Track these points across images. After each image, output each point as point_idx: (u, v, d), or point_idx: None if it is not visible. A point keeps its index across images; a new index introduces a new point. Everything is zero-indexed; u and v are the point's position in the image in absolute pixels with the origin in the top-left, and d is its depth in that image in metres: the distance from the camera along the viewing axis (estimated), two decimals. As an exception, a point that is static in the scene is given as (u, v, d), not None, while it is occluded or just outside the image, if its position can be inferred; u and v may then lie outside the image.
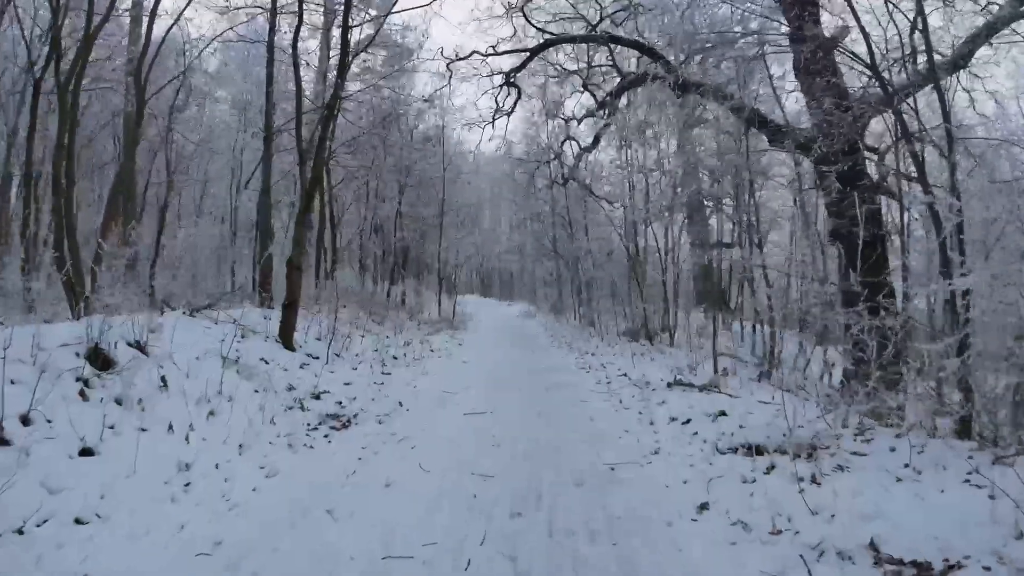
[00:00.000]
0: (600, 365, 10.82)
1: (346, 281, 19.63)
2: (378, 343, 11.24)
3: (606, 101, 16.88)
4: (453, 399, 7.82)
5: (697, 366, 10.88)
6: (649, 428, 6.57)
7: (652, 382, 8.99)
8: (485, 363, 11.18)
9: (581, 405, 7.67)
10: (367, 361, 9.70)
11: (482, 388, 8.64)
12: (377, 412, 6.95)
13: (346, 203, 20.71)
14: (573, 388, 8.79)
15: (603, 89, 17.45)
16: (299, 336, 10.02)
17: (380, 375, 8.88)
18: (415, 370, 9.69)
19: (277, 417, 6.33)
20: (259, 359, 8.29)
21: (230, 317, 9.74)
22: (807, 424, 6.32)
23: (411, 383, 8.60)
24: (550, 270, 25.50)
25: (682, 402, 7.67)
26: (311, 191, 9.52)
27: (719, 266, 21.30)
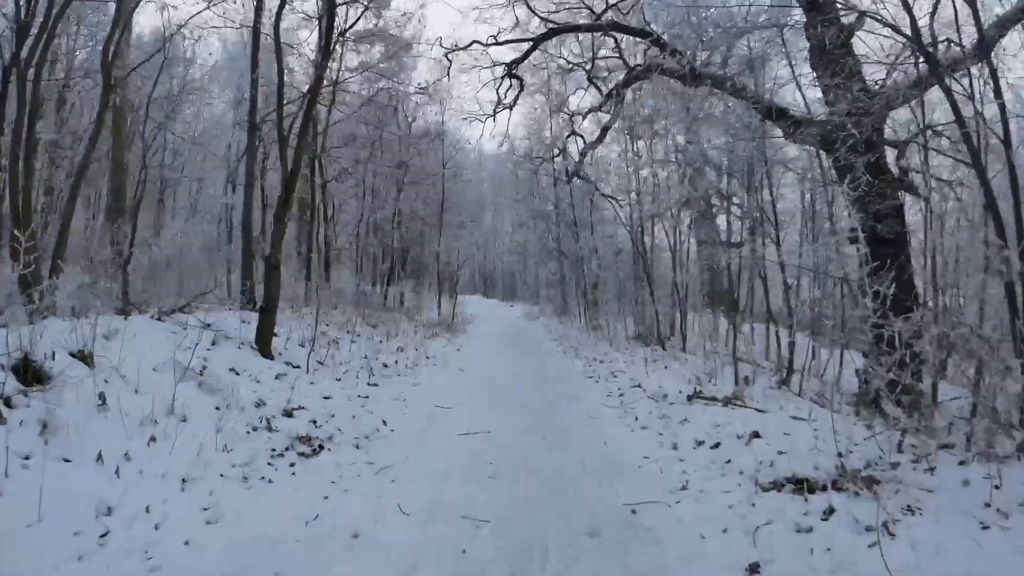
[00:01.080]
0: (610, 374, 9.86)
1: (341, 282, 18.74)
2: (368, 349, 10.31)
3: (612, 95, 16.06)
4: (446, 416, 6.87)
5: (715, 374, 9.94)
6: (673, 454, 5.60)
7: (669, 394, 8.05)
8: (484, 371, 10.22)
9: (591, 424, 6.71)
10: (354, 370, 8.76)
11: (479, 402, 7.69)
12: (356, 433, 6.00)
13: (342, 201, 19.77)
14: (581, 402, 7.83)
15: (608, 83, 16.66)
16: (279, 342, 9.11)
17: (366, 387, 7.94)
18: (406, 381, 8.74)
19: (236, 441, 5.40)
20: (228, 369, 7.40)
21: (203, 321, 8.88)
22: (855, 448, 5.40)
23: (400, 396, 7.65)
24: (554, 270, 24.58)
25: (706, 420, 6.73)
26: (290, 183, 8.60)
27: (729, 266, 20.43)
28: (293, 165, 8.60)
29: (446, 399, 7.66)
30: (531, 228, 27.13)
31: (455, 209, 24.20)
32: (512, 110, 18.25)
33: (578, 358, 12.23)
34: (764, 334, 18.55)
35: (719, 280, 19.83)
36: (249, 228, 11.55)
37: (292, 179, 8.59)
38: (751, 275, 20.14)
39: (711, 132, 17.10)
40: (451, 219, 23.70)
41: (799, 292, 17.27)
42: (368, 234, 20.21)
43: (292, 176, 8.59)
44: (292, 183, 8.61)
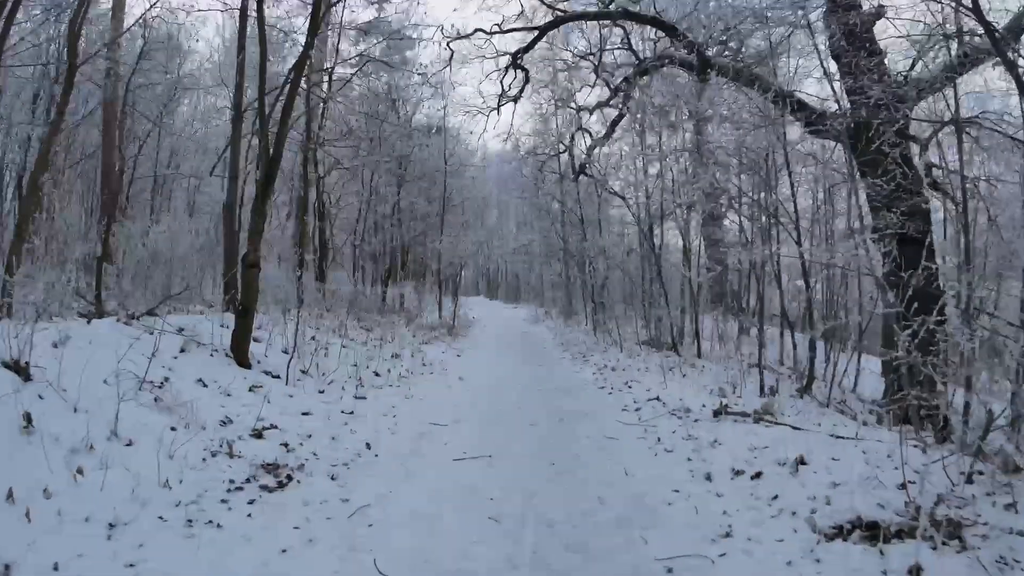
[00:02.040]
0: (623, 384, 8.97)
1: (336, 282, 17.90)
2: (360, 356, 9.44)
3: (620, 88, 15.27)
4: (441, 436, 5.99)
5: (738, 384, 9.08)
6: (708, 487, 4.72)
7: (692, 409, 7.17)
8: (486, 381, 9.32)
9: (608, 446, 5.81)
10: (340, 381, 7.89)
11: (480, 418, 6.80)
12: (334, 459, 5.12)
13: (339, 196, 18.93)
14: (595, 418, 6.93)
15: (616, 77, 15.90)
16: (259, 349, 8.25)
17: (352, 400, 7.05)
18: (399, 392, 7.86)
19: (187, 471, 4.54)
20: (195, 381, 6.54)
21: (176, 325, 8.04)
22: (915, 476, 4.56)
23: (390, 411, 6.76)
24: (559, 271, 23.71)
25: (740, 441, 5.85)
26: (270, 170, 7.74)
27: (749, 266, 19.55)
28: (275, 149, 7.75)
29: (442, 414, 6.78)
30: (536, 227, 26.27)
31: (458, 207, 23.35)
32: (517, 103, 17.52)
33: (587, 365, 11.34)
34: (776, 337, 17.75)
35: (726, 281, 19.04)
36: (232, 224, 10.70)
37: (273, 165, 7.74)
38: (761, 276, 19.38)
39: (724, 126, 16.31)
40: (454, 218, 22.86)
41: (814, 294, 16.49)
42: (366, 233, 19.36)
43: (273, 162, 7.74)
44: (273, 170, 7.76)
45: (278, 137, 7.91)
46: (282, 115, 7.94)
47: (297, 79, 8.07)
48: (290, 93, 8.05)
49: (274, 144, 7.84)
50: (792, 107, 10.48)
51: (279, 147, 7.84)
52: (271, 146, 7.90)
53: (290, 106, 8.00)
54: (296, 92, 8.13)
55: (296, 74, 8.07)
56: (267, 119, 7.91)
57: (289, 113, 7.98)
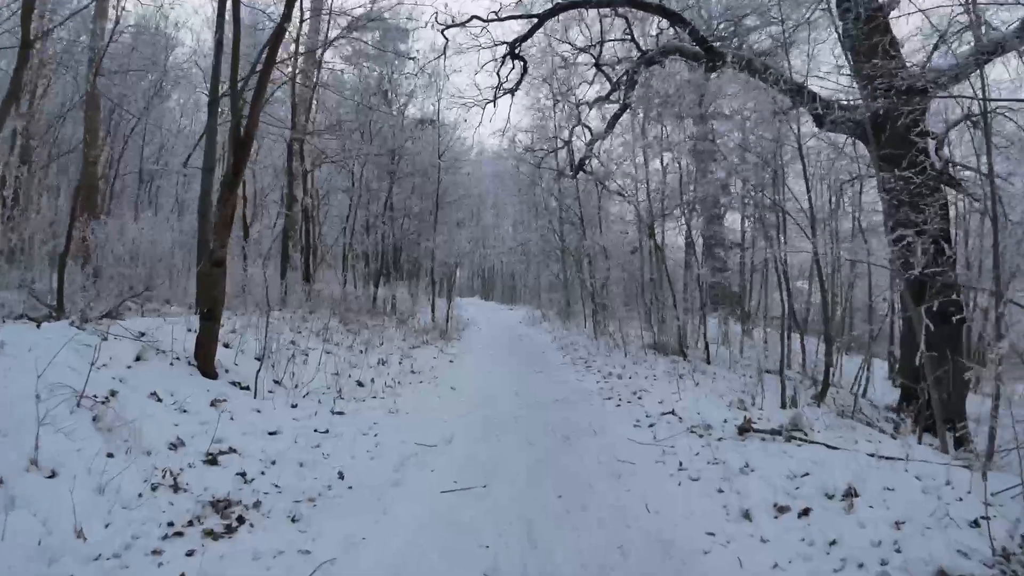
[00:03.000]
0: (632, 394, 8.15)
1: (324, 282, 17.05)
2: (343, 363, 8.62)
3: (622, 82, 14.54)
4: (427, 460, 5.16)
5: (755, 393, 8.29)
6: (748, 529, 3.92)
7: (713, 425, 6.36)
8: (480, 391, 8.47)
9: (622, 472, 4.99)
10: (318, 392, 7.05)
11: (473, 436, 5.96)
12: (298, 493, 4.30)
13: (327, 191, 18.06)
14: (603, 435, 6.11)
15: (618, 70, 15.20)
16: (228, 356, 7.41)
17: (329, 416, 6.21)
18: (383, 405, 7.00)
19: (119, 511, 3.74)
20: (148, 395, 5.70)
21: (136, 329, 7.24)
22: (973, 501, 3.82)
23: (371, 429, 5.92)
24: (557, 271, 22.88)
25: (774, 465, 5.05)
26: (239, 157, 6.90)
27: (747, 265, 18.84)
28: (246, 131, 6.92)
29: (430, 432, 5.95)
30: (533, 226, 25.46)
31: (452, 204, 22.50)
32: (514, 96, 16.76)
33: (590, 371, 10.52)
34: (779, 340, 17.03)
35: (727, 282, 18.35)
36: (206, 219, 9.83)
37: (243, 149, 6.91)
38: (765, 276, 18.68)
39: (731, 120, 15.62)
40: (448, 215, 22.03)
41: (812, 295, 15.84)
42: (356, 231, 18.51)
43: (244, 145, 6.90)
44: (243, 155, 6.92)
45: (250, 117, 7.08)
46: (255, 92, 7.11)
47: (273, 54, 7.23)
48: (264, 69, 7.21)
49: (246, 125, 7.01)
50: (806, 98, 9.88)
51: (251, 128, 7.01)
52: (242, 127, 7.06)
53: (264, 83, 7.17)
54: (271, 68, 7.29)
55: (272, 48, 7.23)
56: (240, 95, 7.06)
57: (263, 90, 7.15)
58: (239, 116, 7.26)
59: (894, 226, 8.70)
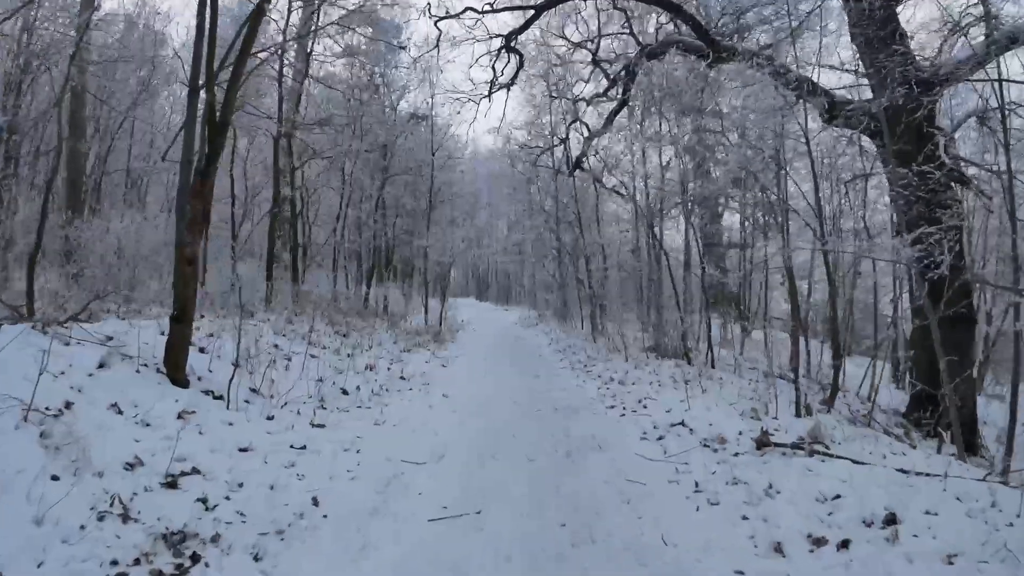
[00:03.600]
0: (636, 402, 7.61)
1: (315, 282, 16.52)
2: (328, 369, 8.07)
3: (620, 77, 14.09)
4: (414, 481, 4.62)
5: (767, 400, 7.81)
6: (782, 567, 3.41)
7: (728, 438, 5.85)
8: (475, 398, 7.89)
9: (633, 495, 4.45)
10: (298, 401, 6.50)
11: (466, 452, 5.41)
12: (265, 523, 3.75)
13: (315, 188, 17.48)
14: (609, 450, 5.57)
15: (616, 65, 14.77)
16: (201, 362, 6.85)
17: (308, 429, 5.67)
18: (369, 416, 6.45)
19: (55, 547, 3.24)
20: (109, 406, 5.16)
21: (104, 333, 6.70)
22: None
23: (353, 444, 5.37)
24: (553, 271, 22.37)
25: (801, 485, 4.55)
26: (213, 144, 6.35)
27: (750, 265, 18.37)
28: (221, 115, 6.37)
29: (419, 447, 5.41)
30: (528, 225, 24.94)
31: (447, 203, 21.97)
32: (510, 90, 16.31)
33: (589, 376, 9.99)
34: (786, 343, 16.64)
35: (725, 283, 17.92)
36: (185, 215, 9.25)
37: (218, 135, 6.36)
38: (764, 276, 18.21)
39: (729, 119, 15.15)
40: (442, 214, 21.51)
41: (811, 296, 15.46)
42: (347, 229, 17.94)
43: (218, 131, 6.36)
44: (218, 142, 6.38)
45: (226, 102, 6.54)
46: (232, 76, 6.58)
47: (251, 35, 6.69)
48: (242, 51, 6.67)
49: (221, 111, 6.46)
50: (817, 92, 9.52)
51: (227, 114, 6.48)
52: (217, 112, 6.51)
53: (242, 66, 6.65)
54: (249, 50, 6.75)
55: (251, 29, 6.69)
56: (213, 78, 6.48)
57: (240, 74, 6.63)
58: (213, 100, 6.69)
59: (909, 224, 8.28)
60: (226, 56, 7.12)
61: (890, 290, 14.46)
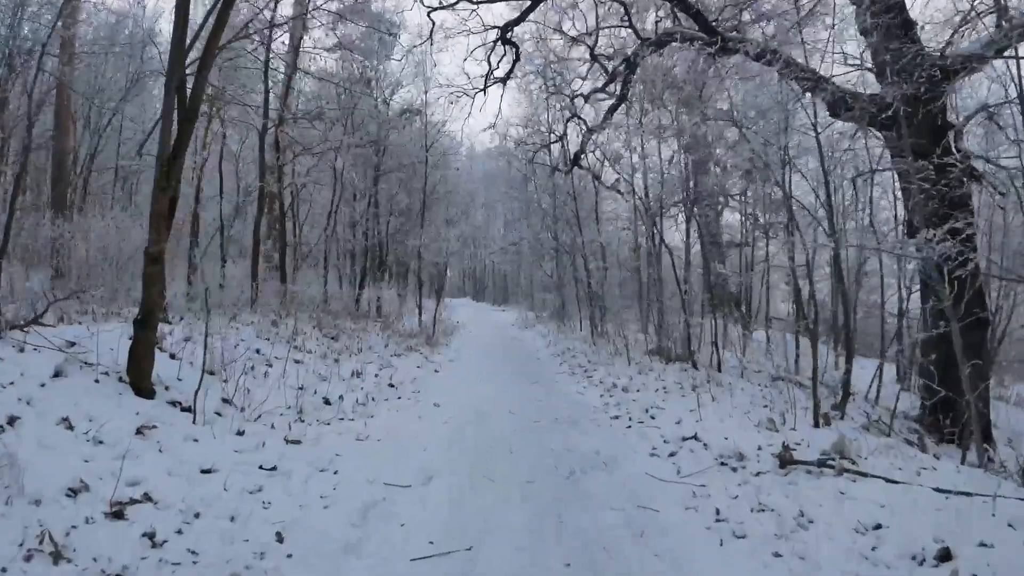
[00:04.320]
0: (644, 412, 7.06)
1: (304, 283, 15.94)
2: (310, 376, 7.51)
3: (619, 72, 13.60)
4: (397, 509, 4.07)
5: (782, 408, 7.28)
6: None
7: (746, 454, 5.32)
8: (468, 409, 7.27)
9: (646, 525, 3.90)
10: (275, 413, 5.94)
11: (456, 473, 4.84)
12: (219, 565, 3.20)
13: (303, 184, 16.88)
14: (616, 469, 5.02)
15: (615, 61, 14.28)
16: (171, 369, 6.29)
17: (282, 446, 5.10)
18: (351, 429, 5.88)
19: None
20: (58, 421, 4.62)
21: (65, 338, 6.16)
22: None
23: (331, 464, 4.80)
24: (551, 271, 21.82)
25: (835, 512, 4.03)
26: (182, 131, 5.79)
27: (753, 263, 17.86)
28: (191, 100, 5.82)
29: (405, 466, 4.86)
30: (525, 224, 24.41)
31: (441, 202, 21.40)
32: (506, 85, 15.80)
33: (591, 383, 9.45)
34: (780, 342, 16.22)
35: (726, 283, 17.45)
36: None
37: (186, 122, 5.82)
38: (766, 276, 17.70)
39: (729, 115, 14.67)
40: (436, 213, 20.94)
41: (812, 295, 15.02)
42: (338, 228, 17.37)
43: (187, 119, 5.81)
44: (186, 129, 5.83)
45: (195, 84, 5.99)
46: (203, 57, 6.03)
47: (224, 13, 6.12)
48: (214, 30, 6.11)
49: (191, 95, 5.91)
50: (819, 84, 9.09)
51: (196, 99, 5.92)
52: (187, 98, 5.96)
53: (213, 45, 6.09)
54: (221, 30, 6.19)
55: (224, 5, 6.12)
56: (182, 58, 5.91)
57: (212, 52, 6.07)
58: (182, 85, 6.12)
59: (927, 220, 7.82)
60: (196, 37, 6.55)
61: (894, 291, 14.05)
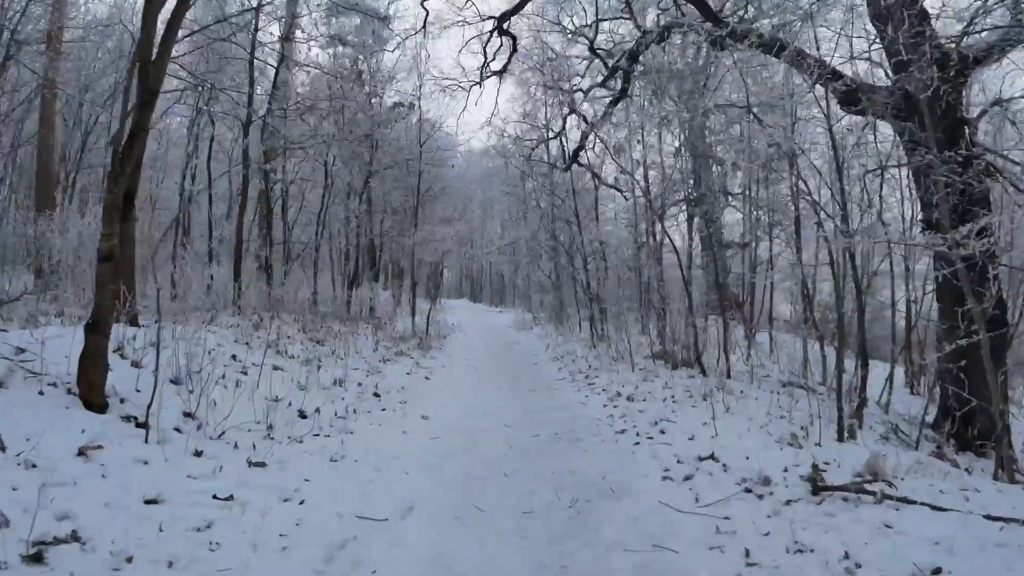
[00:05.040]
0: (652, 426, 6.42)
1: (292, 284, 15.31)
2: (287, 386, 6.88)
3: (619, 65, 13.07)
4: (368, 553, 3.41)
5: (802, 419, 6.69)
6: None
7: (772, 476, 4.71)
8: (459, 423, 6.57)
9: (664, 569, 3.28)
10: (242, 428, 5.31)
11: (441, 502, 4.19)
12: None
13: (295, 182, 16.27)
14: (627, 500, 4.35)
15: (614, 55, 13.80)
16: (130, 379, 5.64)
17: (243, 470, 4.47)
18: (326, 447, 5.22)
19: None
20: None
21: (12, 344, 5.58)
22: None
23: (296, 491, 4.15)
24: (549, 271, 21.20)
25: (883, 551, 3.49)
26: (140, 116, 5.16)
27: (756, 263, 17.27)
28: (152, 78, 5.19)
29: (382, 494, 4.22)
30: (523, 223, 23.79)
31: (436, 199, 20.80)
32: (502, 78, 15.33)
33: (592, 390, 8.82)
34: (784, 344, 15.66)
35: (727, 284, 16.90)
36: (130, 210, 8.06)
37: (145, 106, 5.18)
38: (767, 278, 17.12)
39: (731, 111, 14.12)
40: (432, 212, 20.35)
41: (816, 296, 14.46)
42: (328, 227, 16.75)
43: (146, 97, 5.17)
44: (145, 112, 5.20)
45: (156, 61, 5.35)
46: (166, 30, 5.41)
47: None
48: (179, 5, 5.49)
49: (150, 73, 5.27)
50: (831, 76, 8.61)
51: (157, 76, 5.29)
52: (148, 78, 5.32)
53: (178, 19, 5.49)
54: (187, 3, 5.57)
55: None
56: (151, 34, 5.28)
57: (175, 28, 5.45)
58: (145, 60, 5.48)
59: (955, 217, 7.31)
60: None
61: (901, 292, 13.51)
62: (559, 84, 16.35)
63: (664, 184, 13.06)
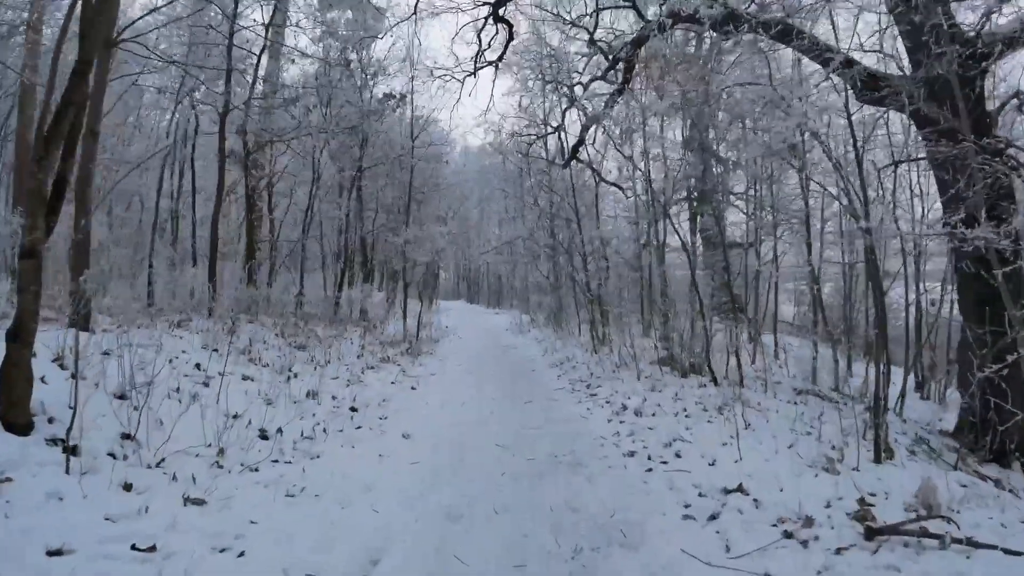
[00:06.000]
0: (666, 447, 5.63)
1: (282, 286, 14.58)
2: (252, 399, 6.11)
3: (620, 57, 12.35)
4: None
5: (833, 438, 5.95)
6: None
7: (813, 514, 3.96)
8: (443, 443, 5.76)
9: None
10: (189, 453, 4.53)
11: (416, 550, 3.41)
12: None
13: (281, 179, 15.50)
14: (641, 549, 3.55)
15: (616, 44, 13.09)
16: (64, 395, 4.87)
17: (176, 509, 3.69)
18: (281, 479, 4.40)
19: None
20: None
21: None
22: None
23: (236, 539, 3.36)
24: (547, 271, 20.45)
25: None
26: (70, 90, 4.40)
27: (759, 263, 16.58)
28: (84, 48, 4.44)
29: (343, 540, 3.45)
30: (521, 222, 23.04)
31: (431, 197, 20.03)
32: (498, 68, 14.56)
33: (595, 402, 8.04)
34: (791, 348, 15.07)
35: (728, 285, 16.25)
36: (85, 203, 7.31)
37: (78, 76, 4.42)
38: (770, 279, 16.45)
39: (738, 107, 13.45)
40: (425, 210, 19.57)
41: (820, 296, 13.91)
42: (308, 225, 15.97)
43: (79, 72, 4.42)
44: (79, 85, 4.43)
45: (89, 27, 4.59)
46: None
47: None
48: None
49: (82, 42, 4.51)
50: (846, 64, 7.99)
51: (89, 46, 4.52)
52: (86, 43, 4.56)
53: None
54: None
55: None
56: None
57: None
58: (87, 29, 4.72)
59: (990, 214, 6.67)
60: None
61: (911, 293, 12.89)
62: (558, 77, 15.65)
63: (668, 179, 12.37)
